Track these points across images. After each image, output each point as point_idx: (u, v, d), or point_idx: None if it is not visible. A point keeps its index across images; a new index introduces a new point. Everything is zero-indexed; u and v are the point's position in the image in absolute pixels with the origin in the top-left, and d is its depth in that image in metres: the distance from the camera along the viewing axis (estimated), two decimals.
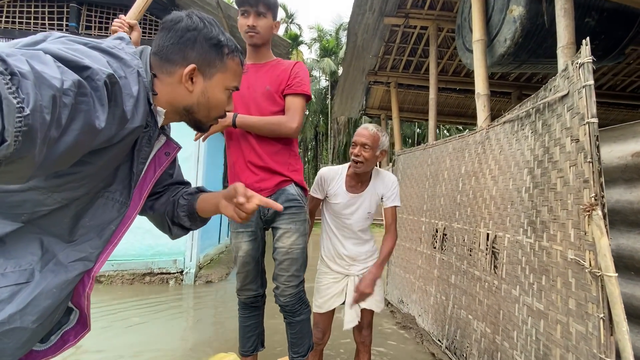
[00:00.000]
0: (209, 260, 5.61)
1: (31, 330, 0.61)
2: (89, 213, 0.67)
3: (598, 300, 1.13)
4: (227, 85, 0.79)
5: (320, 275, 1.92)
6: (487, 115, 2.50)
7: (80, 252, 0.68)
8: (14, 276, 0.59)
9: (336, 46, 22.92)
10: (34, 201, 0.58)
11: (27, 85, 0.37)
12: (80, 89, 0.45)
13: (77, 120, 0.46)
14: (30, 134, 0.37)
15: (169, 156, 0.82)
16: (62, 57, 0.47)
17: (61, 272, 0.65)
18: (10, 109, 0.34)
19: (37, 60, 0.42)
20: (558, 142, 1.43)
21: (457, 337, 2.31)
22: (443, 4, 3.55)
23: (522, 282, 1.66)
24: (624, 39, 2.65)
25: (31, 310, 0.60)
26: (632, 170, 1.45)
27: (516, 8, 2.39)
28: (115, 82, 0.53)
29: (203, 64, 0.74)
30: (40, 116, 0.38)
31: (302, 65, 1.72)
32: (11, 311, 0.58)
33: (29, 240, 0.62)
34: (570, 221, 1.32)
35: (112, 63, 0.57)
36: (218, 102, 0.79)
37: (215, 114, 0.81)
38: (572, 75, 1.29)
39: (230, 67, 0.78)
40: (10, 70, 0.36)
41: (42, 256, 0.63)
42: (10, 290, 0.59)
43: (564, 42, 1.85)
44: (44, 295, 0.62)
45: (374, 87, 4.73)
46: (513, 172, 1.86)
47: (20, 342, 0.61)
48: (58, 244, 0.65)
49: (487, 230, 2.09)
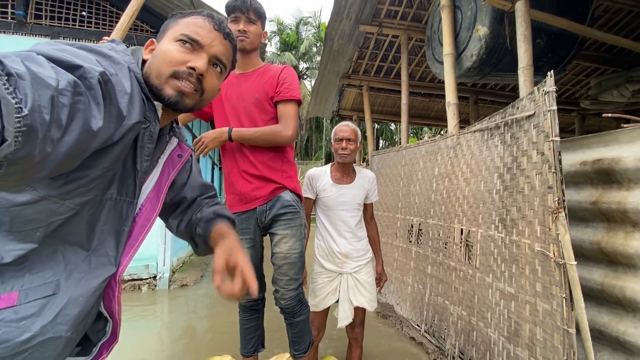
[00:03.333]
0: (182, 263, 5.48)
1: (66, 338, 0.62)
2: (102, 217, 0.67)
3: (561, 284, 1.42)
4: (174, 35, 0.71)
5: (315, 275, 2.02)
6: (456, 122, 2.79)
7: (101, 257, 0.68)
8: (40, 290, 0.60)
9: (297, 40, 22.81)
10: (47, 211, 0.58)
11: (25, 86, 0.37)
12: (76, 88, 0.46)
13: (76, 120, 0.45)
14: (30, 134, 0.37)
15: (182, 158, 0.82)
16: (54, 57, 0.47)
17: (85, 279, 0.65)
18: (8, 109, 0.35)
19: (32, 61, 0.42)
20: (525, 153, 1.70)
21: (435, 321, 2.60)
22: (413, 16, 3.83)
23: (495, 271, 1.95)
24: (566, 57, 3.09)
25: (62, 319, 0.61)
26: (579, 176, 1.78)
27: (481, 28, 2.69)
28: (107, 80, 0.53)
29: (160, 34, 0.74)
30: (40, 116, 0.38)
31: (290, 69, 1.72)
32: (42, 323, 0.59)
33: (50, 252, 0.62)
34: (536, 219, 1.60)
35: (101, 61, 0.56)
36: (162, 52, 0.70)
37: (166, 67, 0.69)
38: (538, 100, 1.56)
39: (183, 22, 0.73)
40: (6, 71, 0.36)
41: (66, 267, 0.63)
42: (39, 303, 0.60)
43: (524, 64, 2.16)
44: (72, 305, 0.63)
45: (347, 89, 4.93)
46: (484, 176, 2.15)
47: (58, 350, 0.62)
48: (78, 252, 0.65)
49: (461, 226, 2.37)
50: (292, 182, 1.72)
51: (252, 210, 1.66)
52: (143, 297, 4.13)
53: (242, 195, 1.67)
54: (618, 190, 1.59)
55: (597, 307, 1.68)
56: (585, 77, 5.11)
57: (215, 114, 1.76)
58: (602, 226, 1.67)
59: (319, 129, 23.20)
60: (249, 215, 1.68)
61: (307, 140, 23.20)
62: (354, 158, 1.97)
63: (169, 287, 4.49)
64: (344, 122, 1.98)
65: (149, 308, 3.70)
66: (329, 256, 1.97)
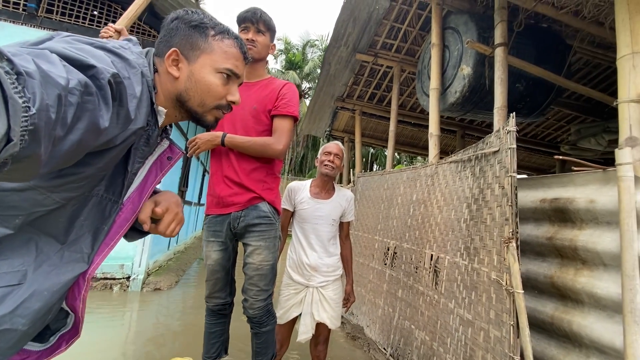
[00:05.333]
0: (158, 267, 5.41)
1: (21, 332, 0.60)
2: (84, 212, 0.66)
3: (510, 311, 1.49)
4: (216, 67, 0.74)
5: (283, 287, 2.05)
6: (436, 153, 2.93)
7: (74, 252, 0.66)
8: (6, 277, 0.57)
9: (302, 61, 23.47)
10: (32, 201, 0.57)
11: (34, 85, 0.37)
12: (86, 88, 0.46)
13: (82, 119, 0.46)
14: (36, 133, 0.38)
15: (172, 161, 0.80)
16: (68, 56, 0.48)
17: (54, 273, 0.63)
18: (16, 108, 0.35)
19: (43, 59, 0.42)
20: (490, 186, 1.82)
21: (401, 345, 2.62)
22: (407, 50, 4.06)
23: (457, 297, 2.02)
24: (544, 102, 3.31)
25: (21, 312, 0.59)
26: (539, 212, 1.89)
27: (466, 68, 2.88)
28: (119, 82, 0.54)
29: (185, 47, 0.73)
30: (46, 115, 0.39)
31: (292, 86, 1.75)
32: (1, 313, 0.56)
33: (24, 240, 0.60)
34: (494, 249, 1.69)
35: (116, 63, 0.57)
36: (208, 86, 0.74)
37: (211, 100, 0.75)
38: (503, 137, 1.69)
39: (218, 48, 0.74)
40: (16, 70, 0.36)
41: (36, 257, 0.61)
42: (2, 292, 0.57)
43: (499, 105, 2.33)
44: (35, 298, 0.60)
45: (341, 112, 5.12)
46: (455, 205, 2.25)
47: (11, 342, 0.59)
48: (52, 244, 0.63)
49: (431, 252, 2.45)
50: (271, 194, 1.73)
51: (227, 214, 1.71)
52: (114, 297, 4.05)
53: (220, 199, 1.72)
54: (571, 229, 1.70)
55: (547, 340, 1.75)
56: (566, 124, 5.38)
57: None
58: (556, 261, 1.76)
59: (315, 147, 23.48)
60: (223, 219, 1.72)
61: (302, 157, 23.40)
62: (337, 173, 2.08)
63: (142, 289, 4.42)
64: (335, 142, 2.12)
65: (118, 309, 3.64)
66: (298, 268, 2.02)
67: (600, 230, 1.55)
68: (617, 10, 1.61)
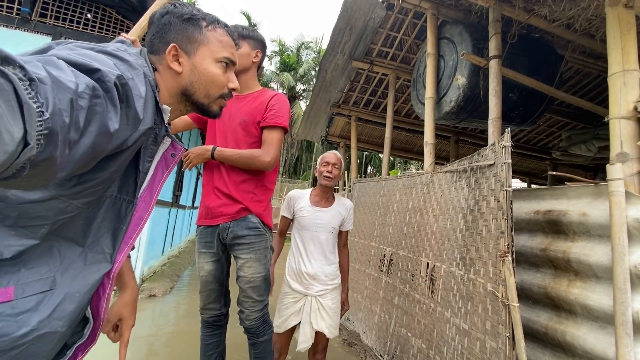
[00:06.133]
0: (152, 272, 5.36)
1: (60, 333, 0.64)
2: (100, 214, 0.68)
3: (506, 323, 1.52)
4: (215, 56, 0.77)
5: (282, 295, 2.06)
6: (432, 161, 2.96)
7: (97, 254, 0.69)
8: (37, 285, 0.61)
9: (296, 63, 23.51)
10: (56, 210, 0.59)
11: (46, 90, 0.38)
12: (94, 91, 0.47)
13: (93, 122, 0.47)
14: (51, 137, 0.39)
15: (175, 157, 0.83)
16: (73, 61, 0.49)
17: (81, 276, 0.66)
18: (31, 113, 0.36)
19: (52, 65, 0.43)
20: (485, 198, 1.85)
21: (397, 353, 2.64)
22: (403, 58, 4.11)
23: (453, 306, 2.04)
24: (536, 111, 3.37)
25: (58, 315, 0.62)
26: (533, 223, 1.93)
27: (460, 78, 2.93)
28: (125, 83, 0.55)
29: (183, 41, 0.74)
30: (60, 119, 0.40)
31: (281, 97, 1.75)
32: (39, 318, 0.60)
33: (46, 248, 0.63)
34: (490, 261, 1.72)
35: (119, 65, 0.58)
36: (212, 76, 0.77)
37: (215, 90, 0.78)
38: (498, 152, 1.73)
39: (214, 38, 0.77)
40: (28, 76, 0.37)
41: (61, 262, 0.64)
42: (36, 298, 0.60)
43: (493, 116, 2.37)
44: (69, 300, 0.64)
45: (337, 117, 5.15)
46: (451, 214, 2.29)
47: (52, 344, 0.63)
48: (73, 248, 0.66)
49: (427, 260, 2.48)
50: (259, 206, 1.72)
51: (216, 226, 1.71)
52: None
53: (209, 210, 1.73)
54: (564, 241, 1.74)
55: (541, 349, 1.78)
56: (557, 130, 5.49)
57: (208, 128, 1.83)
58: (550, 272, 1.80)
59: (309, 149, 23.52)
60: (213, 230, 1.73)
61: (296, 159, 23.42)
62: (335, 183, 2.10)
63: None
64: (333, 151, 2.14)
65: None
66: (297, 276, 2.03)
67: (592, 243, 1.59)
68: (608, 28, 1.66)
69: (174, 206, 6.73)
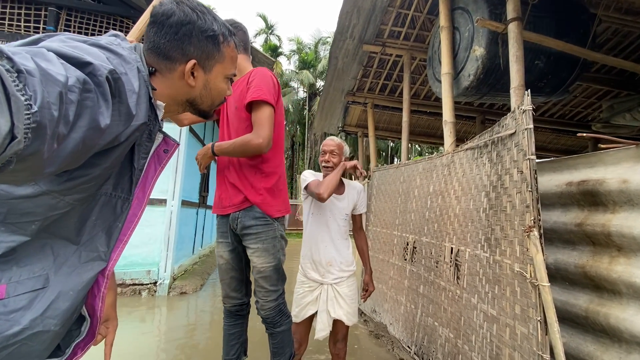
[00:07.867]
0: (184, 271, 5.55)
1: (54, 332, 0.62)
2: (94, 212, 0.67)
3: (536, 306, 1.37)
4: (226, 74, 0.81)
5: (298, 285, 2.04)
6: (452, 141, 2.78)
7: (91, 251, 0.68)
8: (29, 283, 0.59)
9: (315, 59, 23.44)
10: (47, 206, 0.58)
11: (34, 83, 0.37)
12: (85, 85, 0.46)
13: (83, 117, 0.45)
14: (39, 130, 0.38)
15: (168, 153, 0.82)
16: (64, 53, 0.47)
17: (75, 274, 0.65)
18: (18, 106, 0.35)
19: (41, 57, 0.42)
20: (508, 172, 1.69)
21: (425, 343, 2.52)
22: (416, 37, 3.90)
23: (480, 292, 1.90)
24: (568, 78, 3.06)
25: (51, 313, 0.61)
26: (566, 197, 1.74)
27: (478, 48, 2.72)
28: (117, 78, 0.53)
29: (202, 58, 0.75)
30: (49, 112, 0.38)
31: (260, 70, 1.63)
32: (32, 317, 0.58)
33: (39, 246, 0.62)
34: (516, 239, 1.57)
35: (112, 59, 0.56)
36: (220, 92, 0.81)
37: (219, 101, 0.84)
38: (518, 118, 1.56)
39: (227, 55, 0.79)
40: (16, 68, 0.36)
41: (55, 260, 0.63)
42: (29, 297, 0.59)
43: (515, 84, 2.17)
44: (62, 299, 0.62)
45: (352, 106, 5.01)
46: (473, 194, 2.12)
47: (45, 344, 0.62)
48: (67, 246, 0.65)
49: (451, 245, 2.33)
50: (257, 196, 1.64)
51: (227, 215, 1.73)
52: (142, 302, 4.21)
53: (220, 200, 1.76)
54: (603, 213, 1.54)
55: (582, 335, 1.60)
56: (597, 100, 5.00)
57: (220, 119, 1.85)
58: (588, 249, 1.61)
59: None
60: (226, 220, 1.75)
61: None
62: None
63: (168, 293, 4.56)
64: (330, 137, 2.07)
65: (146, 314, 3.77)
66: (312, 264, 2.00)
67: (636, 213, 1.40)
68: None
69: (201, 207, 6.92)
